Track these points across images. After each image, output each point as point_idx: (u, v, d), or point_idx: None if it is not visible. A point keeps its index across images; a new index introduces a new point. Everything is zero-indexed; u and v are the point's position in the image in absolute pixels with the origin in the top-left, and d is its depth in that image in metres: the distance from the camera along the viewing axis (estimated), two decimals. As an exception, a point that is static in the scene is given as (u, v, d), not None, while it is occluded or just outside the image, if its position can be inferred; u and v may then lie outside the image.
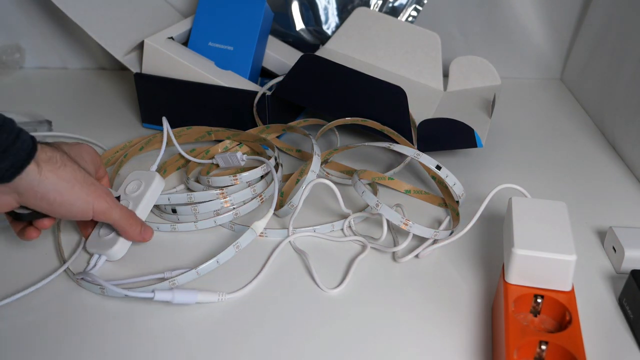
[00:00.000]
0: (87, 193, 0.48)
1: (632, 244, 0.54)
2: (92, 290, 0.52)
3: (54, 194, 0.46)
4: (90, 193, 0.49)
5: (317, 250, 0.57)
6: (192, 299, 0.49)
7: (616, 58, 0.79)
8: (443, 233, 0.56)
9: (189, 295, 0.49)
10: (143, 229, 0.54)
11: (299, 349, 0.46)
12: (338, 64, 0.66)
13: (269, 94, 0.71)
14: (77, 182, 0.47)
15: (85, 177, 0.49)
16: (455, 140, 0.67)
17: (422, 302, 0.51)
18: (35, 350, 0.46)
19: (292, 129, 0.70)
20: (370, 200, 0.56)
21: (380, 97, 0.66)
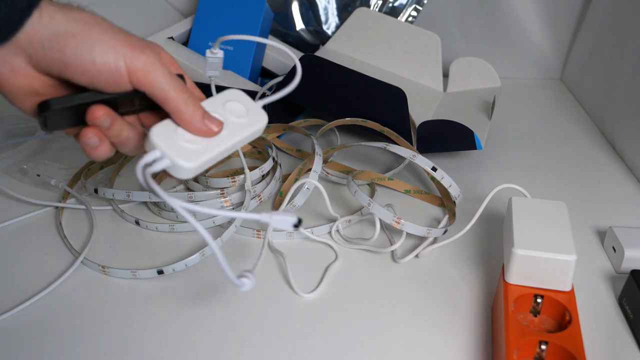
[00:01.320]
0: (112, 37, 0.36)
1: (632, 244, 0.54)
2: (121, 276, 0.53)
3: (64, 37, 0.35)
4: (118, 39, 0.36)
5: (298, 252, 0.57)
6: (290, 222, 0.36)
7: (616, 58, 0.79)
8: (436, 231, 0.56)
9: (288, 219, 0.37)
10: (207, 116, 0.39)
11: (300, 349, 0.46)
12: (338, 65, 0.66)
13: (269, 94, 0.71)
14: (96, 24, 0.36)
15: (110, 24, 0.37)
16: (455, 142, 0.67)
17: (422, 302, 0.51)
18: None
19: (293, 128, 0.70)
20: (362, 200, 0.55)
21: (380, 97, 0.66)
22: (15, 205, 0.63)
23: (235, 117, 0.42)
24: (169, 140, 0.38)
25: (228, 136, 0.41)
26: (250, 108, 0.43)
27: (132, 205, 0.63)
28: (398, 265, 0.55)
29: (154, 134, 0.38)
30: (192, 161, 0.38)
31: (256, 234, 0.58)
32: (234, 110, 0.42)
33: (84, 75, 0.36)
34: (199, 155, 0.39)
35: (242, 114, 0.42)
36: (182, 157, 0.38)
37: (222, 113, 0.41)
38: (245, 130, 0.42)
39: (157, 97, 0.38)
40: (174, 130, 0.39)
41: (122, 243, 0.58)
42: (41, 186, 0.66)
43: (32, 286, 0.52)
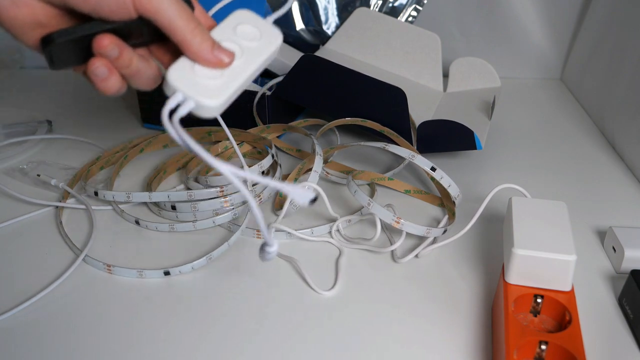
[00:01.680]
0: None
1: (632, 244, 0.54)
2: (127, 275, 0.53)
3: None
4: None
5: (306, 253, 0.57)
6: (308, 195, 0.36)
7: (616, 58, 0.79)
8: (436, 231, 0.56)
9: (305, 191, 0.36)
10: (217, 47, 0.37)
11: (300, 350, 0.46)
12: (338, 65, 0.66)
13: (269, 94, 0.71)
14: None
15: None
16: (455, 142, 0.67)
17: (422, 302, 0.51)
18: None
19: (293, 128, 0.70)
20: (362, 200, 0.56)
21: (380, 97, 0.66)
22: (15, 205, 0.63)
23: (249, 41, 0.40)
24: (188, 80, 0.37)
25: (247, 63, 0.39)
26: (262, 28, 0.41)
27: (132, 205, 0.63)
28: (398, 265, 0.55)
29: (172, 76, 0.36)
30: (217, 98, 0.37)
31: (256, 234, 0.58)
32: (246, 34, 0.40)
33: (86, 2, 0.34)
34: (223, 90, 0.37)
35: (256, 37, 0.41)
36: (207, 95, 0.36)
37: (235, 39, 0.40)
38: (262, 53, 0.40)
39: (163, 26, 0.36)
40: (191, 68, 0.37)
41: (122, 243, 0.58)
42: (41, 186, 0.66)
43: (32, 286, 0.52)
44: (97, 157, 0.70)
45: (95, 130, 0.79)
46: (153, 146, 0.72)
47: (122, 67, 0.37)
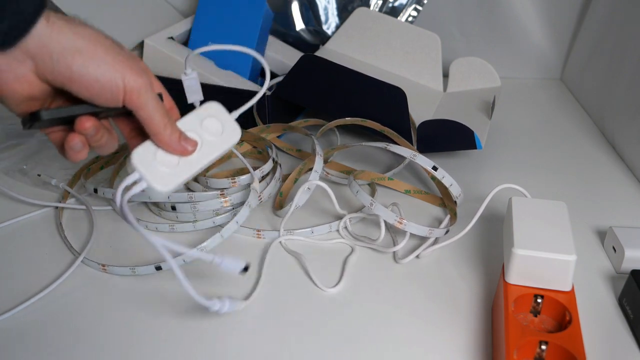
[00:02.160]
0: (115, 59, 0.39)
1: (632, 244, 0.54)
2: (120, 273, 0.53)
3: (72, 53, 0.37)
4: (120, 61, 0.39)
5: (312, 250, 0.57)
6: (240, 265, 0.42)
7: (616, 58, 0.79)
8: (438, 231, 0.56)
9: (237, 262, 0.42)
10: (183, 137, 0.43)
11: (300, 350, 0.46)
12: (338, 64, 0.66)
13: (269, 94, 0.71)
14: (100, 44, 0.39)
15: (112, 43, 0.40)
16: (455, 141, 0.67)
17: (422, 301, 0.51)
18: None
19: (293, 128, 0.70)
20: (364, 200, 0.56)
21: (380, 97, 0.66)
22: (15, 205, 0.63)
23: (210, 135, 0.45)
24: (148, 165, 0.42)
25: (202, 156, 0.44)
26: (225, 124, 0.46)
27: (132, 205, 0.63)
28: (399, 265, 0.55)
29: (135, 158, 0.42)
30: (166, 185, 0.42)
31: (257, 234, 0.58)
32: (209, 127, 0.45)
33: (86, 91, 0.39)
34: (174, 179, 0.43)
35: (217, 132, 0.46)
36: (158, 182, 0.42)
37: (199, 131, 0.45)
38: (217, 149, 0.45)
39: (142, 118, 0.41)
40: (154, 154, 0.43)
41: (122, 243, 0.58)
42: (41, 186, 0.66)
43: (32, 286, 0.52)
44: (96, 157, 0.70)
45: (95, 130, 0.79)
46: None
47: (93, 142, 0.42)
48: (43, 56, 0.37)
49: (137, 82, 0.39)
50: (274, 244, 0.57)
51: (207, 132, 0.45)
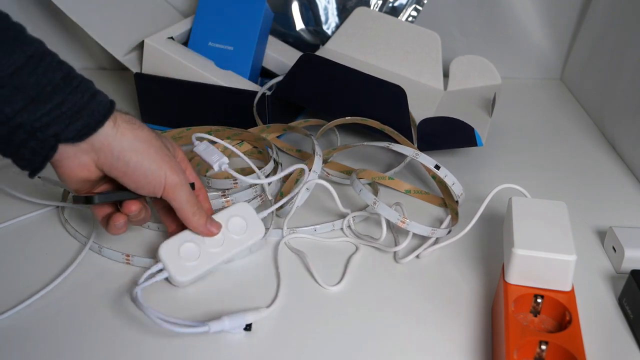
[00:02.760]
0: (162, 159, 0.47)
1: (632, 244, 0.54)
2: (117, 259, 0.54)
3: (130, 152, 0.45)
4: (165, 161, 0.47)
5: (315, 249, 0.57)
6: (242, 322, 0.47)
7: (616, 58, 0.79)
8: (440, 231, 0.56)
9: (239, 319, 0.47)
10: (209, 221, 0.51)
11: (301, 349, 0.46)
12: (338, 64, 0.66)
13: (269, 94, 0.71)
14: (152, 146, 0.47)
15: (161, 145, 0.48)
16: (456, 139, 0.67)
17: (422, 301, 0.51)
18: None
19: (293, 128, 0.70)
20: (367, 198, 0.56)
21: (380, 96, 0.66)
22: (16, 205, 0.63)
23: (234, 233, 0.52)
24: (172, 257, 0.50)
25: (222, 252, 0.51)
26: (250, 223, 0.53)
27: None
28: (399, 265, 0.55)
29: (161, 250, 0.50)
30: (186, 276, 0.49)
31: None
32: (234, 225, 0.52)
33: (134, 183, 0.47)
34: (193, 272, 0.50)
35: (241, 230, 0.52)
36: (179, 273, 0.49)
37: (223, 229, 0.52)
38: (238, 245, 0.52)
39: (175, 207, 0.49)
40: (178, 248, 0.50)
41: (122, 243, 0.57)
42: (41, 186, 0.66)
43: (35, 284, 0.52)
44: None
45: (95, 130, 0.79)
46: (153, 146, 0.72)
47: (133, 219, 0.50)
48: (106, 152, 0.45)
49: (174, 180, 0.48)
50: (280, 243, 0.57)
51: (231, 229, 0.52)
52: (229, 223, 0.52)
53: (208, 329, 0.45)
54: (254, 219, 0.53)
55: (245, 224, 0.53)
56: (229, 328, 0.46)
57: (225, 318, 0.46)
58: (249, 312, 0.47)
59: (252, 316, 0.47)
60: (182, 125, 0.75)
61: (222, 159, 0.55)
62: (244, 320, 0.47)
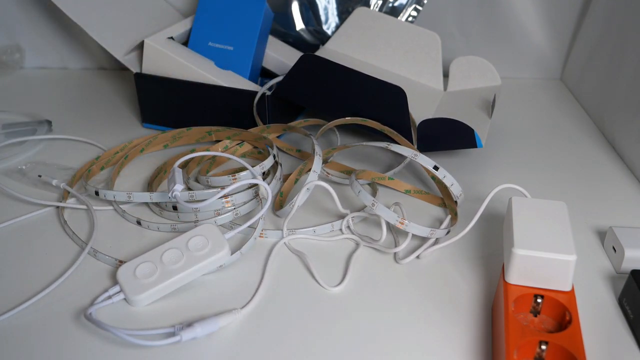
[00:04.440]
0: None
1: (632, 244, 0.54)
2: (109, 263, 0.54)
3: None
4: None
5: (315, 249, 0.57)
6: (214, 327, 0.47)
7: (616, 58, 0.79)
8: (439, 232, 0.56)
9: (211, 324, 0.47)
10: None
11: (301, 348, 0.46)
12: (338, 64, 0.66)
13: (269, 94, 0.71)
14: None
15: None
16: (455, 140, 0.67)
17: (422, 301, 0.51)
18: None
19: (293, 129, 0.70)
20: (366, 200, 0.56)
21: (380, 97, 0.66)
22: (16, 205, 0.63)
23: (194, 250, 0.52)
24: (128, 278, 0.50)
25: (180, 268, 0.50)
26: (213, 241, 0.52)
27: (133, 205, 0.63)
28: (399, 265, 0.55)
29: (119, 273, 0.50)
30: (141, 294, 0.49)
31: (260, 235, 0.58)
32: (195, 244, 0.52)
33: None
34: (149, 288, 0.49)
35: (202, 247, 0.52)
36: (134, 291, 0.49)
37: (182, 247, 0.52)
38: (199, 261, 0.51)
39: None
40: (134, 268, 0.50)
41: (123, 243, 0.58)
42: (41, 187, 0.66)
43: (34, 285, 0.52)
44: (96, 157, 0.70)
45: (95, 130, 0.79)
46: (153, 146, 0.72)
47: None
48: None
49: None
50: (279, 243, 0.57)
51: (192, 247, 0.52)
52: (190, 242, 0.52)
53: (180, 338, 0.45)
54: (216, 238, 0.53)
55: (206, 241, 0.52)
56: (200, 335, 0.46)
57: (197, 325, 0.46)
58: (222, 315, 0.48)
59: (224, 320, 0.48)
60: (182, 125, 0.75)
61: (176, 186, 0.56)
62: (217, 325, 0.47)
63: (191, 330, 0.46)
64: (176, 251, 0.52)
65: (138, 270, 0.50)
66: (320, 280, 0.53)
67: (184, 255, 0.51)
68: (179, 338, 0.45)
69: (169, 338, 0.45)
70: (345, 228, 0.59)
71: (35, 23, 0.95)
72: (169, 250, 0.52)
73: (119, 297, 0.49)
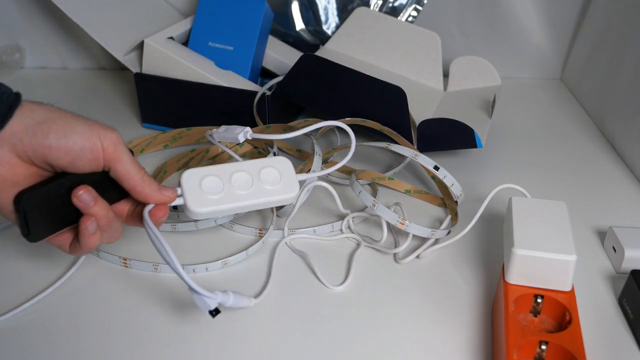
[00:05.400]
0: (86, 122, 0.41)
1: (632, 244, 0.54)
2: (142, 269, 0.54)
3: (47, 123, 0.39)
4: (92, 123, 0.41)
5: (316, 249, 0.57)
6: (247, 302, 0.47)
7: (616, 58, 0.79)
8: (440, 232, 0.56)
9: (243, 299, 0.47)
10: (162, 188, 0.45)
11: (302, 348, 0.46)
12: (338, 64, 0.66)
13: (269, 94, 0.71)
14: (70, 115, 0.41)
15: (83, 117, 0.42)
16: (455, 140, 0.67)
17: (422, 302, 0.51)
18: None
19: (293, 129, 0.70)
20: (367, 200, 0.56)
21: (380, 97, 0.66)
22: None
23: (265, 183, 0.48)
24: (192, 185, 0.46)
25: (246, 196, 0.47)
26: (285, 178, 0.49)
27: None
28: (399, 265, 0.55)
29: (184, 177, 0.46)
30: (200, 208, 0.45)
31: (258, 233, 0.58)
32: (267, 175, 0.48)
33: (67, 155, 0.40)
34: (210, 205, 0.45)
35: (273, 182, 0.48)
36: (194, 203, 0.45)
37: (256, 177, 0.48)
38: (267, 196, 0.47)
39: (121, 173, 0.43)
40: (201, 178, 0.46)
41: (123, 243, 0.58)
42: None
43: (35, 285, 0.52)
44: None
45: (95, 130, 0.79)
46: (153, 146, 0.72)
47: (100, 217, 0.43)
48: (19, 134, 0.39)
49: (112, 136, 0.42)
50: (280, 243, 0.57)
51: (263, 178, 0.48)
52: (262, 171, 0.48)
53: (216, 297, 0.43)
54: (290, 177, 0.49)
55: (279, 177, 0.48)
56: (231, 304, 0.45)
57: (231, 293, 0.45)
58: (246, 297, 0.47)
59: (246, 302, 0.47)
60: (182, 125, 0.75)
61: (245, 128, 0.53)
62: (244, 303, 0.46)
63: (225, 295, 0.44)
64: (247, 176, 0.48)
65: (204, 182, 0.46)
66: (324, 280, 0.53)
67: (253, 183, 0.48)
68: (215, 296, 0.43)
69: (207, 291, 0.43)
70: (345, 228, 0.59)
71: (35, 23, 0.95)
72: (239, 172, 0.48)
73: (179, 202, 0.46)
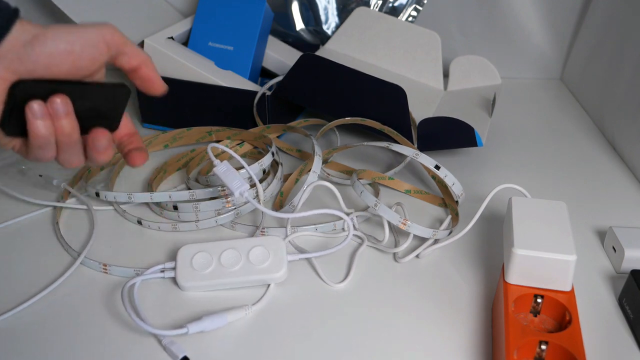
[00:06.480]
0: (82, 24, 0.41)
1: (632, 244, 0.54)
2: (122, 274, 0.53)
3: (44, 34, 0.38)
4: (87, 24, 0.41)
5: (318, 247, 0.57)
6: (223, 321, 0.47)
7: (616, 58, 0.79)
8: (442, 233, 0.56)
9: (219, 319, 0.47)
10: None
11: (302, 344, 0.46)
12: (338, 64, 0.66)
13: (269, 94, 0.71)
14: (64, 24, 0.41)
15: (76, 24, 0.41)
16: (456, 139, 0.67)
17: (422, 301, 0.51)
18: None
19: (293, 129, 0.70)
20: (369, 200, 0.56)
21: (380, 96, 0.66)
22: (15, 206, 0.63)
23: (254, 262, 0.51)
24: (185, 260, 0.51)
25: (234, 273, 0.50)
26: (274, 258, 0.52)
27: (133, 204, 0.63)
28: (399, 265, 0.55)
29: (180, 252, 0.52)
30: (188, 282, 0.50)
31: (260, 233, 0.58)
32: (256, 255, 0.52)
33: (69, 56, 0.39)
34: (197, 281, 0.50)
35: (262, 261, 0.51)
36: (184, 277, 0.50)
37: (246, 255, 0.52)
38: (254, 275, 0.50)
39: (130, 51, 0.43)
40: (193, 254, 0.51)
41: (123, 243, 0.58)
42: (40, 187, 0.66)
43: (31, 287, 0.52)
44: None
45: (95, 130, 0.79)
46: (153, 146, 0.72)
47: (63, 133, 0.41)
48: (15, 49, 0.38)
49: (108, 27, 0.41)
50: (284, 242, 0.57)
51: (252, 258, 0.51)
52: (252, 250, 0.52)
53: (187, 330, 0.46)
54: (279, 256, 0.52)
55: (267, 256, 0.52)
56: (209, 328, 0.47)
57: (206, 318, 0.47)
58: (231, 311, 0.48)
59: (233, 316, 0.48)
60: (182, 125, 0.75)
61: (243, 186, 0.54)
62: (225, 320, 0.47)
63: (199, 323, 0.46)
64: (236, 254, 0.52)
65: (195, 258, 0.51)
66: (325, 277, 0.53)
67: (241, 260, 0.51)
68: (186, 330, 0.46)
69: (177, 329, 0.46)
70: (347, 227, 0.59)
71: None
72: (229, 250, 0.52)
73: (169, 274, 0.51)
